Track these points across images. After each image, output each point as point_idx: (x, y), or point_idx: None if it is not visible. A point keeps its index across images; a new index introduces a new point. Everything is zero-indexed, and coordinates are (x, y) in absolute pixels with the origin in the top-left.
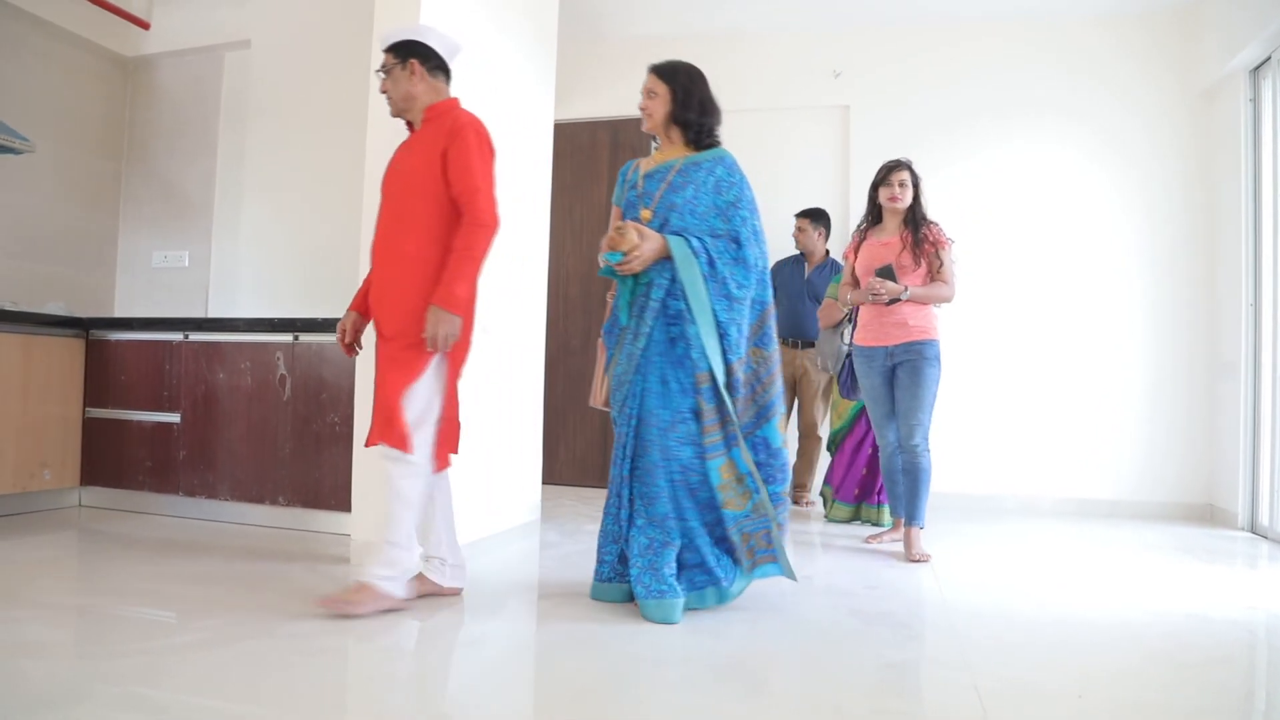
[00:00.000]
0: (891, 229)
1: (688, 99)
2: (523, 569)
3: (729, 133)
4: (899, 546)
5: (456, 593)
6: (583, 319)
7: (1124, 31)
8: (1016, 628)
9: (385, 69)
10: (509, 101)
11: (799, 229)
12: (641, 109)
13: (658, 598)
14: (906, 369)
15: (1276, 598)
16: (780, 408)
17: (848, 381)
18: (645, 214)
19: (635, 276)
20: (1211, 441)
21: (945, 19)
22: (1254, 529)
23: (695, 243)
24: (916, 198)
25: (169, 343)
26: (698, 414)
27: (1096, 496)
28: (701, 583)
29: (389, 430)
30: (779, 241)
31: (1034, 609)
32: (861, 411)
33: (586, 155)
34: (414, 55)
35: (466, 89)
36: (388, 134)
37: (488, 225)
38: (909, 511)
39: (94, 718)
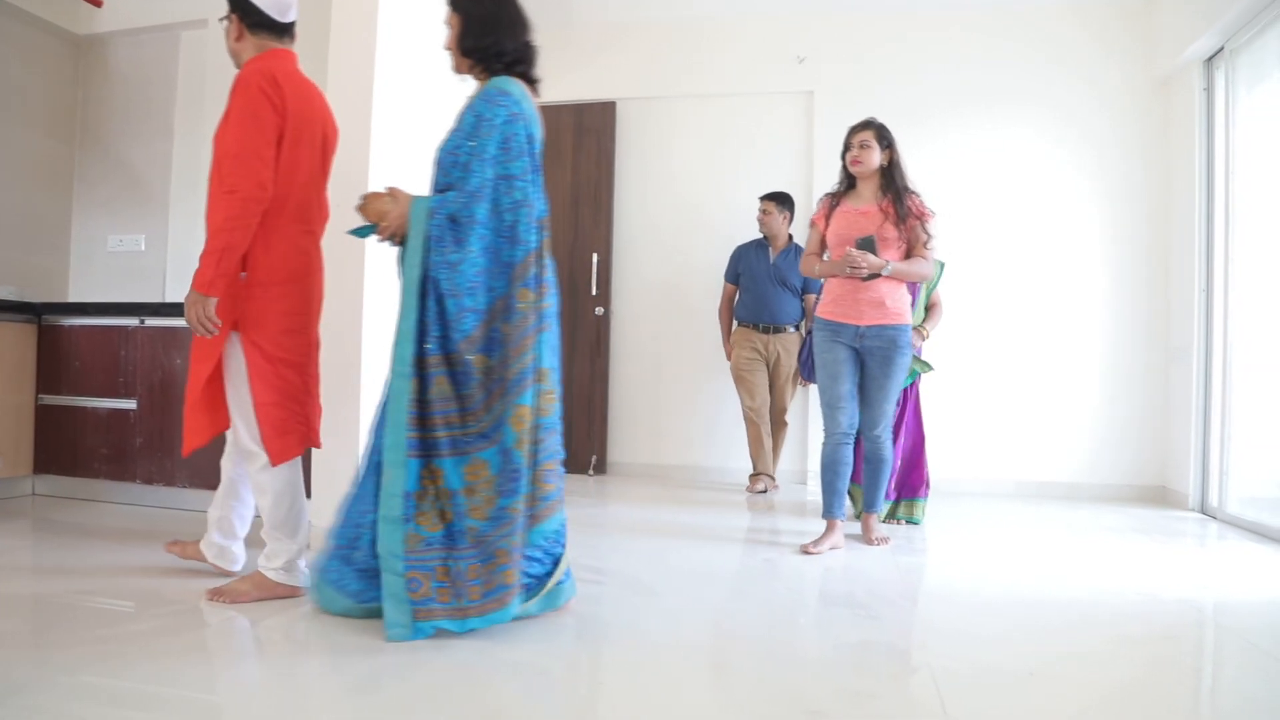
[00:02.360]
0: (868, 197)
1: (469, 21)
2: None
3: (694, 118)
4: (854, 532)
5: (224, 573)
6: None
7: (1089, 19)
8: (974, 609)
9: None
10: (471, 84)
11: (764, 211)
12: (445, 48)
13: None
14: (878, 358)
15: (1224, 577)
16: (520, 399)
17: (808, 361)
18: None
19: (406, 247)
20: (1165, 425)
21: (910, 5)
22: (1204, 510)
23: (435, 201)
24: (895, 163)
25: (124, 328)
26: (421, 401)
27: (1055, 479)
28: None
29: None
30: (743, 227)
31: (992, 590)
32: None
33: (551, 139)
34: (235, 10)
35: (429, 73)
36: (347, 113)
37: (234, 191)
38: (869, 499)
39: (49, 708)
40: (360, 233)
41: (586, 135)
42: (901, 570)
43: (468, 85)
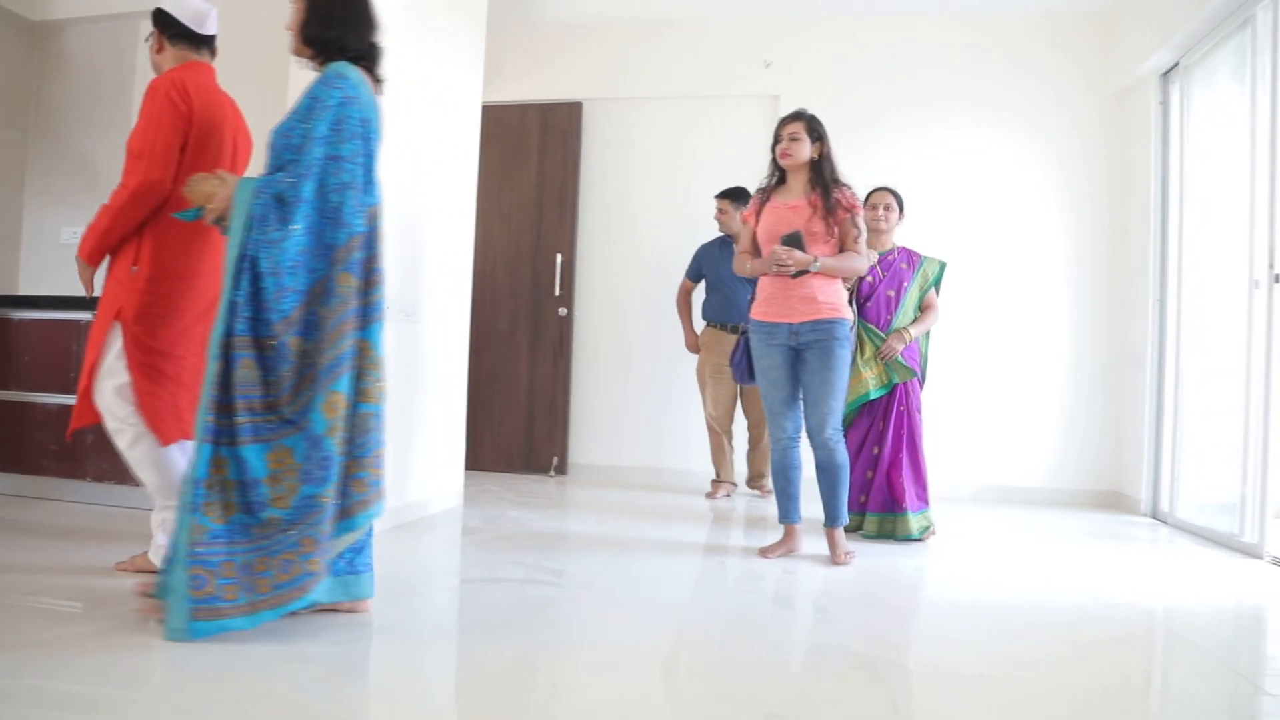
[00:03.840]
0: (797, 191)
1: (314, 10)
2: (445, 555)
3: (661, 120)
4: (820, 549)
5: None
6: (510, 303)
7: (1056, 29)
8: (930, 612)
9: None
10: (436, 84)
11: (721, 210)
12: (286, 28)
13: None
14: (815, 352)
15: (1174, 582)
16: (334, 386)
17: (742, 363)
18: None
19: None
20: (1119, 431)
21: (878, 10)
22: (1155, 515)
23: (261, 181)
24: (825, 155)
25: (77, 323)
26: (224, 385)
27: (1013, 484)
28: None
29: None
30: (708, 228)
31: (948, 594)
32: (862, 407)
33: (516, 138)
34: (157, 24)
35: (392, 72)
36: None
37: (126, 186)
38: (831, 512)
39: None
40: (186, 215)
41: (552, 135)
42: (859, 574)
43: (452, 86)
